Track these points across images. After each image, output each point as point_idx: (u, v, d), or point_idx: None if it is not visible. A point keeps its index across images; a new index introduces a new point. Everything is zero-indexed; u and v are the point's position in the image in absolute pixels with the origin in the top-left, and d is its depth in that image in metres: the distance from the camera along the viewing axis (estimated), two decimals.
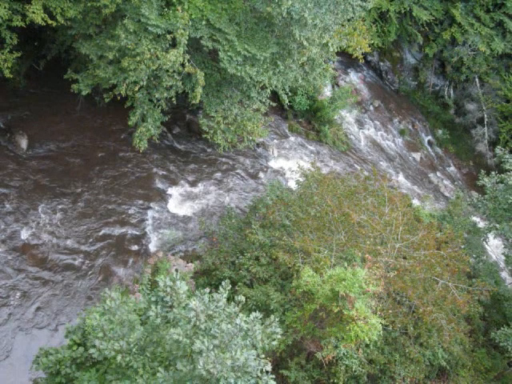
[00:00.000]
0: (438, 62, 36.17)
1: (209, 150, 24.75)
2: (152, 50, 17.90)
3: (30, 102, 22.78)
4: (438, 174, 33.30)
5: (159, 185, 22.60)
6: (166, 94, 19.71)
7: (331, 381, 14.87)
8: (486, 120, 34.85)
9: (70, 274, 18.72)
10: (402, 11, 31.94)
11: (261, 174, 25.26)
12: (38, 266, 18.49)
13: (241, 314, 9.39)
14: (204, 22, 18.40)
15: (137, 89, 19.02)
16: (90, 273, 18.99)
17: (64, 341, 13.83)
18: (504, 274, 25.06)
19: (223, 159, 24.75)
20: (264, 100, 22.30)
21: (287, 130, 28.35)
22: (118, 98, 19.87)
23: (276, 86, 21.49)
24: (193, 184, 23.31)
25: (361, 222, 16.21)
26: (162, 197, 22.32)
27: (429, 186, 31.76)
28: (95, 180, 21.49)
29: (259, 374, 8.95)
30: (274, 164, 26.25)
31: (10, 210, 19.37)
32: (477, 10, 32.66)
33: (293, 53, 20.30)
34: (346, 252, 15.34)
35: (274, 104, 23.67)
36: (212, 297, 9.53)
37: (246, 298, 15.17)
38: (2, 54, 18.42)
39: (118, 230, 20.48)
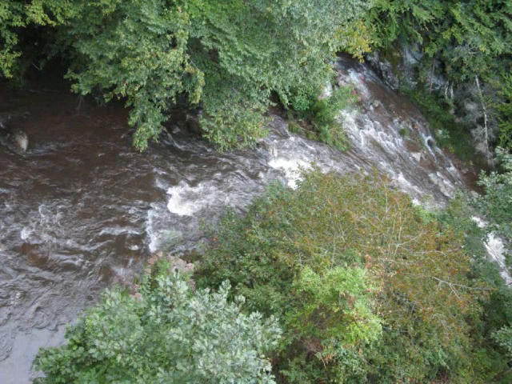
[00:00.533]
0: (438, 62, 36.16)
1: (209, 150, 24.75)
2: (152, 50, 17.90)
3: (30, 102, 22.78)
4: (438, 173, 33.29)
5: (159, 185, 22.60)
6: (166, 94, 19.71)
7: (331, 381, 14.86)
8: (486, 120, 34.85)
9: (70, 274, 18.73)
10: (402, 11, 31.94)
11: (261, 174, 25.25)
12: (38, 266, 18.50)
13: (241, 314, 9.38)
14: (204, 22, 18.40)
15: (137, 89, 19.02)
16: (90, 273, 19.00)
17: (64, 341, 13.84)
18: (504, 274, 25.05)
19: (223, 159, 24.75)
20: (264, 100, 22.29)
21: (287, 130, 28.34)
22: (118, 98, 19.87)
23: (276, 86, 21.49)
24: (193, 184, 23.31)
25: (361, 222, 16.20)
26: (162, 197, 22.32)
27: (429, 186, 31.75)
28: (95, 180, 21.49)
29: (259, 374, 8.95)
30: (274, 164, 26.24)
31: (10, 209, 19.37)
32: (477, 9, 32.66)
33: (293, 53, 20.30)
34: (346, 252, 15.33)
35: (274, 104, 23.66)
36: (212, 297, 9.52)
37: (246, 298, 15.16)
38: (2, 53, 18.42)
39: (117, 230, 20.48)
